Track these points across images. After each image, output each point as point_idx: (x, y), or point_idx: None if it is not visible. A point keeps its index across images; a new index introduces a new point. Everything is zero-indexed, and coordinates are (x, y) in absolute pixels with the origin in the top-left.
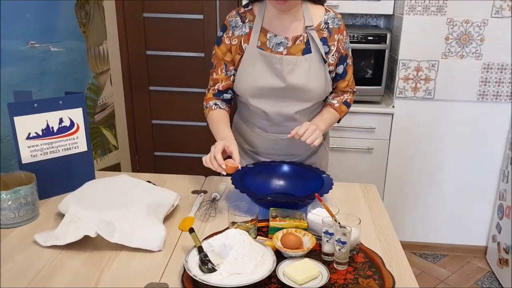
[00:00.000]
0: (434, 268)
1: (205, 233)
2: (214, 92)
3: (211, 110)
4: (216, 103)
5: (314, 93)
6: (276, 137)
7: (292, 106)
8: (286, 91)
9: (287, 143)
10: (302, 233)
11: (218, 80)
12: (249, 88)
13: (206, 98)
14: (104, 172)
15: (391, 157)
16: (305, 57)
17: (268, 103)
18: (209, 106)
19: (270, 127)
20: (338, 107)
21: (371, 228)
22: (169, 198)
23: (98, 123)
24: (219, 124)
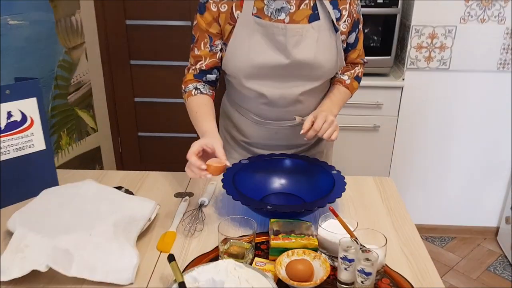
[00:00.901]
0: (442, 253)
1: (189, 254)
2: (195, 73)
3: (190, 96)
4: (197, 86)
5: (325, 69)
6: (277, 124)
7: (298, 86)
8: (291, 69)
9: (290, 131)
10: (312, 255)
11: (201, 58)
12: (244, 67)
13: (185, 81)
14: (68, 172)
15: (399, 135)
16: (312, 26)
17: (267, 84)
18: (188, 90)
19: (270, 113)
20: (349, 84)
21: (394, 239)
22: (145, 210)
23: (72, 104)
24: (200, 115)
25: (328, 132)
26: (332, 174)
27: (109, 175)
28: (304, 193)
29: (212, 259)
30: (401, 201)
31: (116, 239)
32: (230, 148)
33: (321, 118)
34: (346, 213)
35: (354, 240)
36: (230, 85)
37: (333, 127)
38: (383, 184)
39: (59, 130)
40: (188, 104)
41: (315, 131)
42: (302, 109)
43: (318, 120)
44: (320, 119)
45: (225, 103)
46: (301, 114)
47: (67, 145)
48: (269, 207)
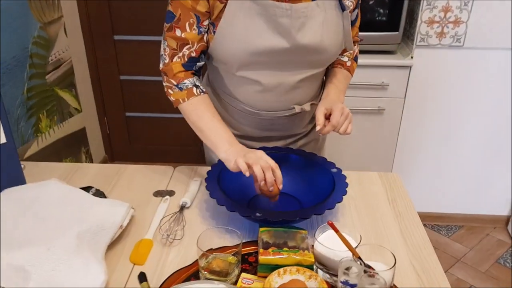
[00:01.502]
0: (448, 243)
1: (167, 267)
2: (182, 62)
3: (193, 96)
4: (196, 83)
5: (329, 54)
6: (272, 115)
7: (298, 73)
8: (292, 54)
9: (287, 121)
10: (308, 274)
11: (187, 41)
12: (239, 54)
13: (173, 74)
14: (37, 165)
15: (405, 119)
16: (317, 3)
17: (264, 72)
18: (186, 87)
19: (264, 103)
20: (350, 66)
21: (403, 250)
22: (115, 217)
23: (51, 84)
24: (218, 125)
25: (344, 126)
26: (332, 173)
27: (81, 170)
28: (300, 193)
29: (192, 275)
30: (411, 203)
31: (79, 253)
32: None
33: (338, 111)
34: (348, 217)
35: (357, 259)
36: (212, 68)
37: (349, 119)
38: (389, 181)
39: (38, 112)
40: (192, 104)
41: (334, 127)
42: (301, 96)
43: (336, 114)
44: (337, 112)
45: (206, 88)
46: (299, 101)
47: (47, 128)
48: (258, 214)
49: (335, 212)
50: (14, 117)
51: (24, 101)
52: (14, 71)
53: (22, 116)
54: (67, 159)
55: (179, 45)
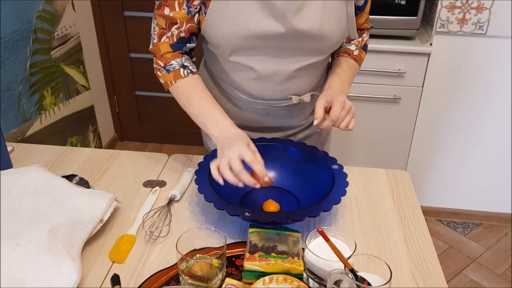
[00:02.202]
0: (463, 241)
1: (147, 268)
2: (171, 42)
3: (179, 78)
4: (184, 64)
5: (330, 42)
6: (269, 104)
7: (295, 61)
8: (288, 40)
9: (285, 112)
10: (296, 284)
11: (175, 20)
12: (231, 37)
13: (160, 54)
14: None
15: (423, 108)
16: None
17: (258, 58)
18: (173, 69)
19: (260, 91)
20: (358, 55)
21: (405, 259)
22: (95, 211)
23: (57, 60)
24: (207, 107)
25: (345, 121)
26: (332, 170)
27: (73, 153)
28: (297, 189)
29: (173, 278)
30: (418, 205)
31: (50, 250)
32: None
33: (339, 105)
34: (347, 218)
35: (349, 272)
36: (209, 53)
37: (351, 114)
38: (397, 179)
39: (42, 89)
40: (179, 87)
41: (333, 122)
42: (299, 86)
43: (336, 108)
44: (337, 106)
45: (204, 73)
46: (298, 92)
47: (51, 105)
48: (247, 214)
49: (333, 213)
50: (15, 93)
51: (26, 77)
52: (16, 46)
53: (24, 93)
54: (73, 138)
55: (168, 24)
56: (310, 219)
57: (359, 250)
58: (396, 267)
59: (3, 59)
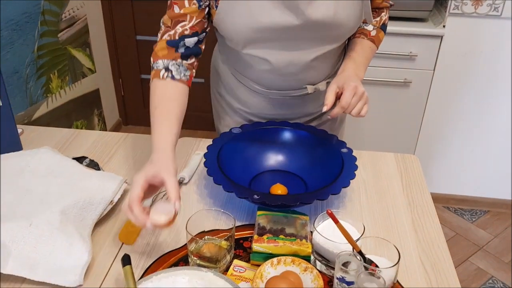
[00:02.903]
0: (471, 229)
1: (156, 249)
2: (170, 39)
3: (156, 78)
4: (169, 67)
5: (346, 28)
6: (284, 94)
7: (310, 51)
8: (302, 31)
9: (300, 101)
10: (303, 265)
11: (184, 17)
12: (244, 30)
13: (154, 50)
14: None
15: (433, 93)
16: None
17: (272, 49)
18: (156, 67)
19: (275, 82)
20: (375, 35)
21: (413, 243)
22: (106, 192)
23: (64, 42)
24: (157, 118)
25: (357, 107)
26: (342, 153)
27: (82, 136)
28: (306, 173)
29: (182, 258)
30: (426, 190)
31: (62, 230)
32: (224, 114)
33: (350, 91)
34: (356, 202)
35: (357, 254)
36: (222, 43)
37: (364, 100)
38: (406, 164)
39: (49, 71)
40: (152, 88)
41: (343, 109)
42: (314, 75)
43: (347, 94)
44: (348, 92)
45: (217, 60)
46: (313, 81)
47: (58, 88)
48: (256, 197)
49: (342, 196)
50: (22, 76)
51: (34, 59)
52: (24, 28)
53: (31, 76)
54: (78, 122)
55: (174, 22)
56: (318, 203)
57: (367, 234)
58: (404, 251)
59: (12, 41)
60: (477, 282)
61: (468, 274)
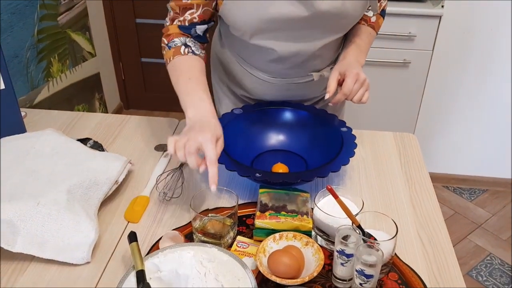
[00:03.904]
0: (469, 207)
1: (161, 227)
2: (181, 24)
3: (178, 55)
4: (187, 43)
5: (352, 18)
6: (289, 82)
7: (316, 40)
8: (310, 22)
9: (304, 86)
10: (304, 240)
11: (191, 6)
12: (251, 21)
13: (167, 33)
14: (39, 112)
15: (432, 73)
16: None
17: (280, 42)
18: (174, 45)
19: (282, 71)
20: (375, 21)
21: (411, 218)
22: (110, 172)
23: (63, 26)
24: (194, 87)
25: (359, 93)
26: (341, 132)
27: (84, 118)
28: (306, 152)
29: (187, 236)
30: (424, 167)
31: (69, 209)
32: (229, 102)
33: (352, 78)
34: (355, 180)
35: (356, 228)
36: (226, 32)
37: (365, 86)
38: (405, 142)
39: (49, 55)
40: (175, 64)
41: (345, 95)
42: (319, 64)
43: (349, 80)
44: (350, 79)
45: (218, 48)
46: (318, 68)
47: (59, 72)
48: (258, 175)
49: (342, 174)
50: (23, 60)
51: (34, 43)
52: (24, 12)
53: (32, 60)
54: (79, 106)
55: (181, 9)
56: (319, 181)
57: (365, 209)
58: (402, 226)
59: (11, 25)
60: (476, 259)
61: (467, 251)
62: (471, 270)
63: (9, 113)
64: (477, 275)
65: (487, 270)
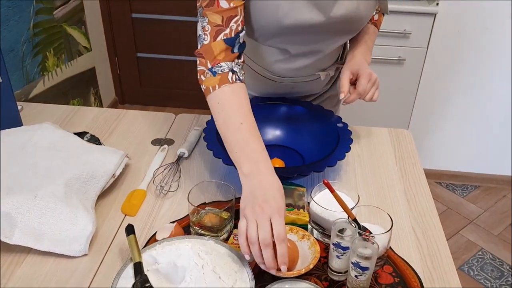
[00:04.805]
0: (462, 203)
1: (158, 220)
2: (228, 37)
3: (226, 83)
4: (234, 68)
5: (364, 21)
6: (295, 80)
7: (329, 44)
8: (327, 26)
9: (309, 85)
10: (301, 233)
11: (235, 11)
12: (270, 26)
13: (214, 56)
14: (36, 106)
15: (427, 70)
16: None
17: (293, 45)
18: (221, 71)
19: (290, 71)
20: (378, 19)
21: (405, 213)
22: (107, 165)
23: (59, 20)
24: (250, 132)
25: (371, 93)
26: (337, 128)
27: (81, 112)
28: (302, 147)
29: (184, 229)
30: (418, 162)
31: (66, 202)
32: None
33: (365, 78)
34: (350, 175)
35: (352, 221)
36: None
37: (376, 85)
38: (399, 138)
39: (45, 49)
40: (221, 96)
41: (360, 95)
42: (325, 62)
43: (363, 81)
44: (364, 79)
45: None
46: (324, 67)
47: (54, 66)
48: None
49: (337, 169)
50: (19, 54)
51: (30, 37)
52: (20, 5)
53: (27, 54)
54: (74, 100)
55: (226, 19)
56: (315, 176)
57: (361, 204)
58: (397, 220)
59: (7, 19)
60: (468, 254)
61: (459, 246)
62: (463, 264)
63: (5, 107)
64: (468, 269)
65: (479, 265)
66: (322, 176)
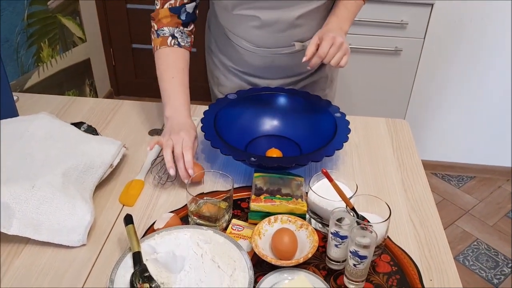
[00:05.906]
0: (457, 194)
1: (156, 211)
2: (171, 6)
3: (164, 46)
4: (174, 34)
5: None
6: (273, 52)
7: (296, 9)
8: None
9: (289, 59)
10: (299, 223)
11: None
12: None
13: (158, 18)
14: (32, 97)
15: (424, 61)
16: None
17: (261, 10)
18: (162, 35)
19: (264, 39)
20: None
21: (402, 202)
22: (105, 155)
23: (54, 11)
24: (176, 89)
25: (336, 57)
26: (335, 117)
27: (77, 103)
28: (300, 137)
29: (182, 219)
30: (416, 152)
31: (64, 192)
32: (220, 74)
33: (328, 41)
34: (348, 165)
35: (350, 210)
36: (212, 4)
37: (343, 50)
38: (397, 128)
39: (39, 40)
40: (161, 55)
41: (321, 58)
42: (301, 34)
43: (324, 43)
44: (326, 42)
45: (211, 19)
46: (301, 39)
47: (49, 57)
48: (253, 159)
49: (335, 159)
50: (13, 45)
51: (24, 28)
52: None
53: (22, 44)
54: (70, 91)
55: None
56: (312, 165)
57: (358, 193)
58: (394, 209)
59: (1, 9)
60: (463, 244)
61: (454, 237)
62: (458, 254)
63: (1, 97)
64: (464, 259)
65: (474, 255)
66: (320, 166)
